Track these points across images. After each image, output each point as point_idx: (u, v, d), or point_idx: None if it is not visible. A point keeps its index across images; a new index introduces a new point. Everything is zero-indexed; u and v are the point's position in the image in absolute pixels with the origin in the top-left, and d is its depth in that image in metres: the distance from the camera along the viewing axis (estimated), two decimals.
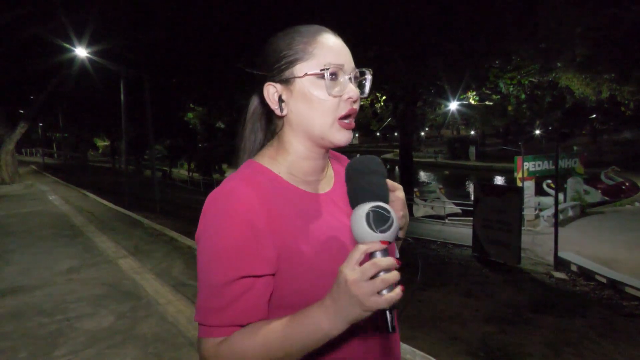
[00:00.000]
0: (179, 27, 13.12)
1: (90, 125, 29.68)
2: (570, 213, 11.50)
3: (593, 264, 7.00)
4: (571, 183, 12.47)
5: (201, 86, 17.13)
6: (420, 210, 14.93)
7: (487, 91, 15.97)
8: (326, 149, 0.83)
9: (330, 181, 0.88)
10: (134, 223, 8.38)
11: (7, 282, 4.72)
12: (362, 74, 0.82)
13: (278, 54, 0.78)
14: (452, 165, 34.61)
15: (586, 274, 6.91)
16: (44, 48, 12.56)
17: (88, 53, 12.26)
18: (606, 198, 14.81)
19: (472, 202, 9.27)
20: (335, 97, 0.76)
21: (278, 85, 0.79)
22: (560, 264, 7.39)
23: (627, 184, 15.82)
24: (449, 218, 13.04)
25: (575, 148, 18.57)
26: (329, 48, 0.77)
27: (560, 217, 9.95)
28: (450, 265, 7.88)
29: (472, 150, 34.98)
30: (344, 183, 0.89)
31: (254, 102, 0.86)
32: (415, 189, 16.14)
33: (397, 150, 19.64)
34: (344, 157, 0.99)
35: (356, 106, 0.80)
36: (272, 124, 0.85)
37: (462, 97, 16.99)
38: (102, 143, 45.51)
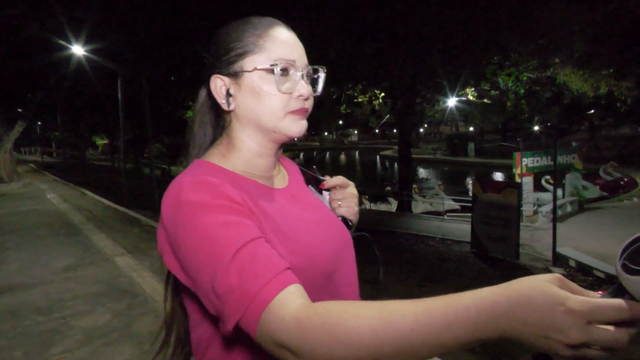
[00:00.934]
0: (177, 25, 13.09)
1: (89, 124, 29.65)
2: (569, 209, 11.50)
3: (591, 259, 7.00)
4: (570, 179, 12.46)
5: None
6: (419, 206, 14.93)
7: (486, 87, 15.95)
8: (279, 143, 0.79)
9: (285, 177, 0.86)
10: (131, 221, 8.38)
11: (4, 280, 4.71)
12: (316, 71, 0.79)
13: (227, 45, 0.75)
14: (451, 162, 34.60)
15: (584, 269, 6.91)
16: (41, 46, 12.52)
17: (85, 51, 12.23)
18: (605, 193, 14.81)
19: (470, 198, 9.26)
20: (285, 93, 0.73)
21: (226, 79, 0.75)
22: (559, 259, 7.39)
23: (625, 179, 15.82)
24: (447, 214, 13.05)
25: (573, 144, 18.58)
26: (281, 42, 0.74)
27: (559, 212, 9.95)
28: (449, 261, 7.88)
29: (471, 146, 34.96)
30: (299, 180, 0.89)
31: (202, 94, 0.81)
32: (414, 186, 16.14)
33: (396, 147, 19.65)
34: (286, 158, 0.95)
35: (308, 104, 0.77)
36: (221, 118, 0.81)
37: (460, 93, 16.98)
38: (101, 142, 45.47)
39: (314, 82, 0.80)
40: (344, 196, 0.91)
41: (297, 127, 0.76)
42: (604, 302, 0.44)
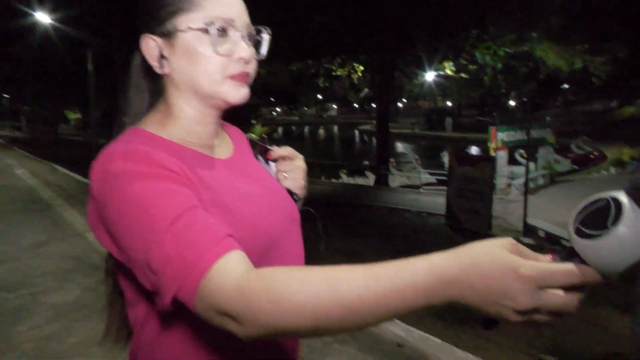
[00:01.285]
0: None
1: (60, 98, 28.59)
2: (541, 181, 11.80)
3: (559, 230, 7.23)
4: (542, 152, 12.74)
5: None
6: (397, 180, 15.08)
7: (464, 61, 15.99)
8: (220, 110, 0.74)
9: (230, 147, 0.81)
10: None
11: None
12: (259, 32, 0.74)
13: (159, 2, 0.68)
14: (429, 136, 34.88)
15: (553, 239, 7.15)
16: (3, 13, 11.89)
17: (52, 20, 11.67)
18: (575, 167, 15.23)
19: (446, 172, 9.39)
20: (223, 55, 0.68)
21: (158, 39, 0.69)
22: (529, 230, 7.60)
23: (595, 153, 16.28)
24: (424, 187, 13.22)
25: (548, 118, 18.87)
26: None
27: (531, 185, 10.19)
28: (424, 233, 8.03)
29: (449, 121, 35.26)
30: (245, 150, 0.85)
31: (137, 57, 0.74)
32: (392, 160, 16.24)
33: (375, 122, 19.65)
34: (233, 126, 0.90)
35: (250, 68, 0.72)
36: (157, 84, 0.74)
37: (438, 67, 16.98)
38: (74, 116, 44.03)
39: (257, 45, 0.75)
40: (291, 168, 0.87)
41: (237, 93, 0.71)
42: (554, 266, 0.44)
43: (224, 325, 0.52)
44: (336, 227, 7.42)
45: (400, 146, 31.83)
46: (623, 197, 0.43)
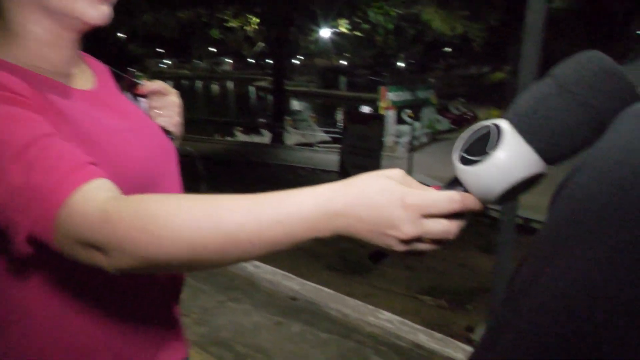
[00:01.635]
0: None
1: None
2: (424, 140, 12.77)
3: (438, 183, 7.96)
4: (426, 113, 13.71)
5: None
6: (293, 138, 15.20)
7: (358, 19, 16.24)
8: (76, 32, 0.63)
9: (91, 79, 0.70)
10: None
11: None
12: None
13: None
14: (324, 95, 35.44)
15: None
16: None
17: None
18: (453, 126, 16.74)
19: (341, 130, 9.66)
20: None
21: None
22: None
23: (469, 114, 18.02)
24: (318, 145, 13.52)
25: (431, 80, 20.25)
26: None
27: (415, 143, 10.97)
28: None
29: (343, 80, 36.05)
30: (109, 84, 0.75)
31: None
32: (288, 117, 16.27)
33: (271, 78, 19.32)
34: (95, 58, 0.79)
35: None
36: None
37: (334, 24, 17.06)
38: None
39: None
40: (164, 104, 0.80)
41: (95, 11, 0.59)
42: (437, 194, 0.44)
43: (89, 259, 0.46)
44: (231, 185, 7.28)
45: (296, 104, 31.90)
46: (504, 124, 0.43)
